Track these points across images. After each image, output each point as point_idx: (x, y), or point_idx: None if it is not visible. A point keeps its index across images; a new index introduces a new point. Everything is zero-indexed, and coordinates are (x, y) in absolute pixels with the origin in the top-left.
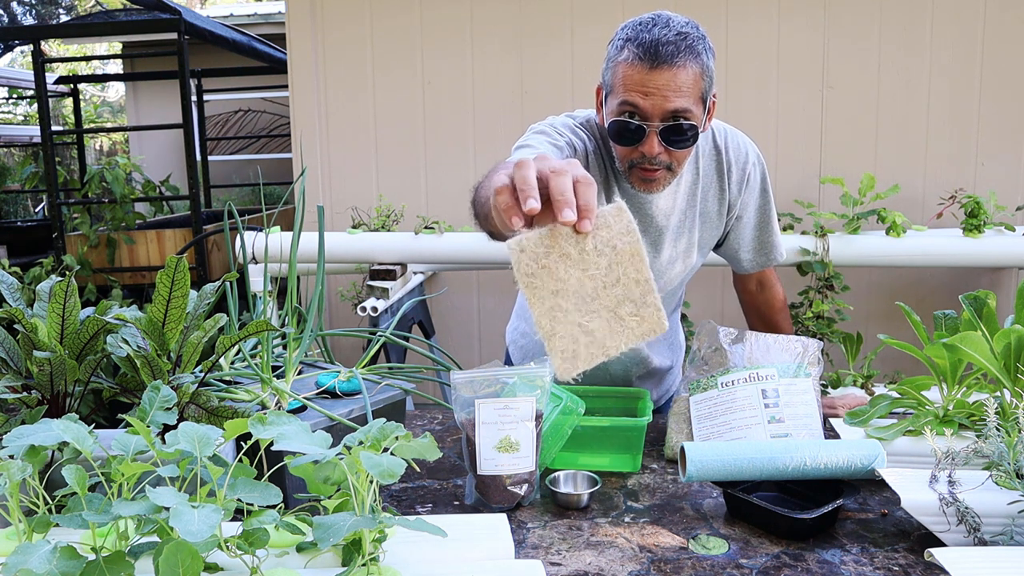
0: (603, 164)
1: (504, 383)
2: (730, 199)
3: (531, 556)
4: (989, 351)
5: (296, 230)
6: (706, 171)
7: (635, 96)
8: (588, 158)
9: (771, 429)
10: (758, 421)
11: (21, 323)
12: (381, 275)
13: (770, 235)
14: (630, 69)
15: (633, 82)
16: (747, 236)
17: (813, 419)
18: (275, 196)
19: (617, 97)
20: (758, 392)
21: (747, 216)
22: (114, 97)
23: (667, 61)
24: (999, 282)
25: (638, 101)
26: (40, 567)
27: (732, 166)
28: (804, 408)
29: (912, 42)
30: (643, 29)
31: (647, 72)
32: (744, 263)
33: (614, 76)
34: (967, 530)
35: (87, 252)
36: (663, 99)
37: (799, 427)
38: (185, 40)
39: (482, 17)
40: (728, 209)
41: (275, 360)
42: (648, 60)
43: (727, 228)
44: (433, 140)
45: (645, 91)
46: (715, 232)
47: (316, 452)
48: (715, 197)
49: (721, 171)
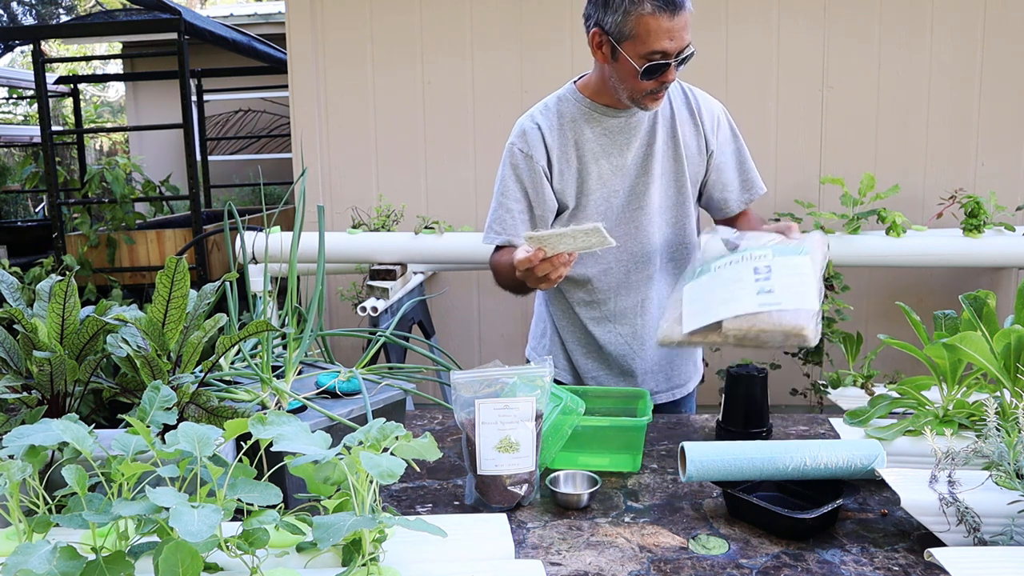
0: (567, 129)
1: (504, 383)
2: (705, 135)
3: (531, 556)
4: (989, 351)
5: (296, 230)
6: (678, 108)
7: (664, 43)
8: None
9: (759, 300)
10: (747, 292)
11: (21, 323)
12: (381, 275)
13: (749, 171)
14: (655, 21)
15: (662, 30)
16: (730, 174)
17: (808, 290)
18: (275, 196)
19: (645, 46)
20: (750, 269)
21: (725, 157)
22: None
23: (681, 7)
24: (999, 282)
25: (666, 46)
26: (40, 567)
27: (701, 107)
28: (798, 279)
29: (912, 42)
30: None
31: (670, 19)
32: (732, 202)
33: (636, 26)
34: (967, 530)
35: (87, 252)
36: (681, 39)
37: (790, 297)
38: (185, 40)
39: (482, 17)
40: (706, 146)
41: (275, 360)
42: (670, 9)
43: (708, 169)
44: (433, 140)
45: (671, 36)
46: (698, 169)
47: (316, 452)
48: (691, 133)
49: (691, 110)
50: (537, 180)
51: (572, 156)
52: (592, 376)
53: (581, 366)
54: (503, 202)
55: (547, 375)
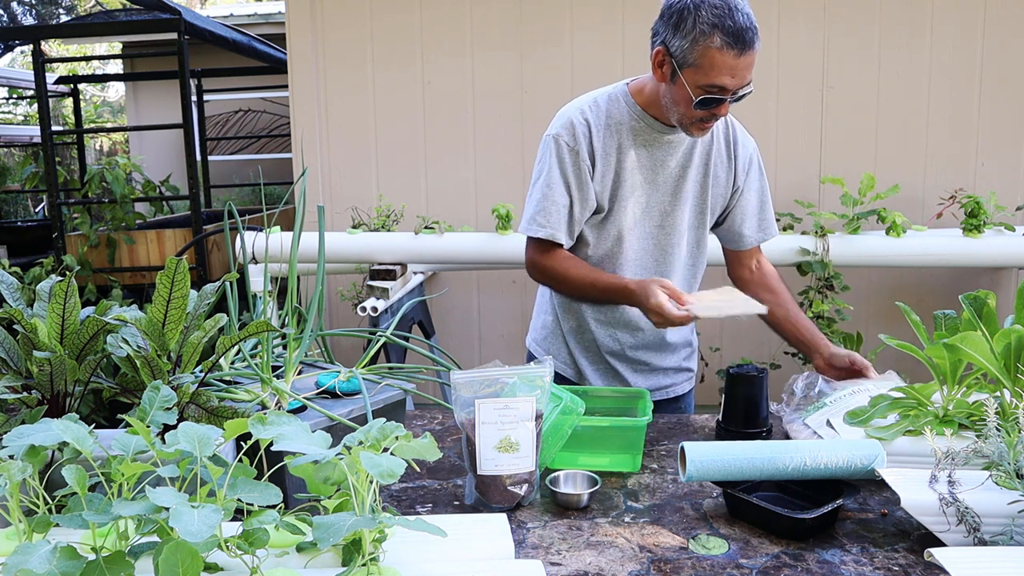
0: (613, 132)
1: (504, 383)
2: (736, 172)
3: (531, 556)
4: (989, 351)
5: (296, 230)
6: (718, 136)
7: (725, 79)
8: (593, 149)
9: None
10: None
11: (21, 323)
12: (381, 275)
13: (767, 212)
14: (721, 56)
15: (726, 67)
16: (751, 212)
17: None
18: (275, 196)
19: (706, 78)
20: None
21: (750, 195)
22: (114, 97)
23: (750, 46)
24: (999, 282)
25: (727, 82)
26: (40, 567)
27: (738, 143)
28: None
29: (912, 42)
30: (726, 15)
31: (736, 58)
32: (746, 238)
33: (702, 57)
34: (967, 530)
35: (87, 252)
36: (743, 77)
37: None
38: (185, 40)
39: (482, 17)
40: (734, 180)
41: (275, 360)
42: (738, 48)
43: (730, 204)
44: (433, 140)
45: (733, 73)
46: (721, 201)
47: (316, 452)
48: (724, 167)
49: (729, 142)
50: (583, 179)
51: (613, 159)
52: (587, 372)
53: (579, 360)
54: (548, 194)
55: (547, 375)
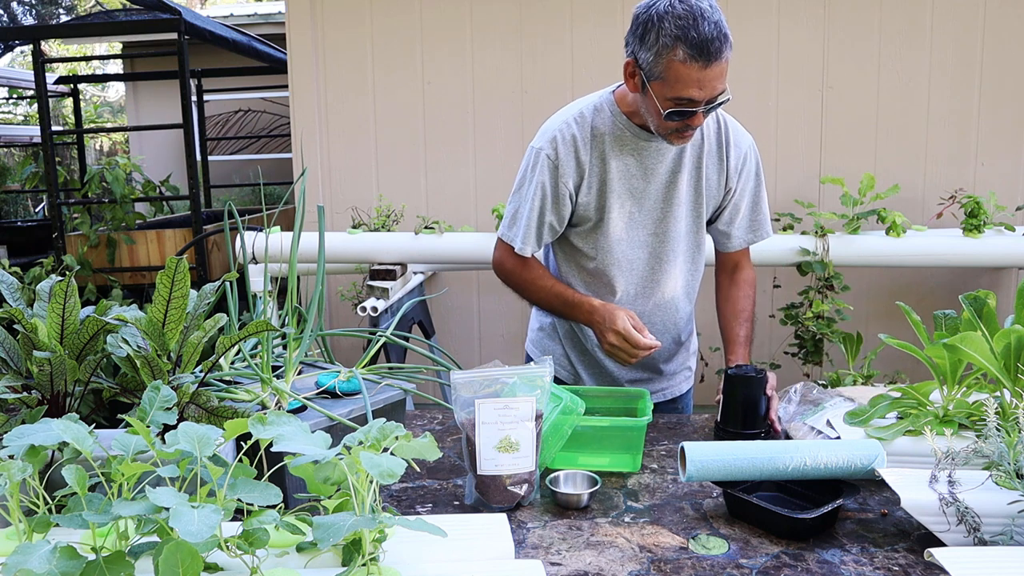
0: (598, 143)
1: (504, 383)
2: (728, 173)
3: (531, 556)
4: (989, 351)
5: (296, 230)
6: (708, 137)
7: (691, 91)
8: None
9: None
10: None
11: (21, 323)
12: (381, 275)
13: (760, 213)
14: (685, 68)
15: (691, 80)
16: (742, 214)
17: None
18: (275, 196)
19: (673, 90)
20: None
21: (742, 196)
22: (114, 97)
23: (716, 57)
24: (999, 282)
25: (694, 95)
26: (40, 567)
27: (731, 142)
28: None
29: (912, 42)
30: (690, 26)
31: (702, 70)
32: (734, 240)
33: (667, 70)
34: (967, 530)
35: (87, 252)
36: (712, 88)
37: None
38: (185, 40)
39: (482, 17)
40: (726, 182)
41: (275, 360)
42: (703, 59)
43: (723, 204)
44: (433, 140)
45: (701, 86)
46: (712, 203)
47: (316, 452)
48: (715, 168)
49: (721, 142)
50: (559, 192)
51: (598, 171)
52: (583, 375)
53: (575, 363)
54: (522, 205)
55: (547, 375)
